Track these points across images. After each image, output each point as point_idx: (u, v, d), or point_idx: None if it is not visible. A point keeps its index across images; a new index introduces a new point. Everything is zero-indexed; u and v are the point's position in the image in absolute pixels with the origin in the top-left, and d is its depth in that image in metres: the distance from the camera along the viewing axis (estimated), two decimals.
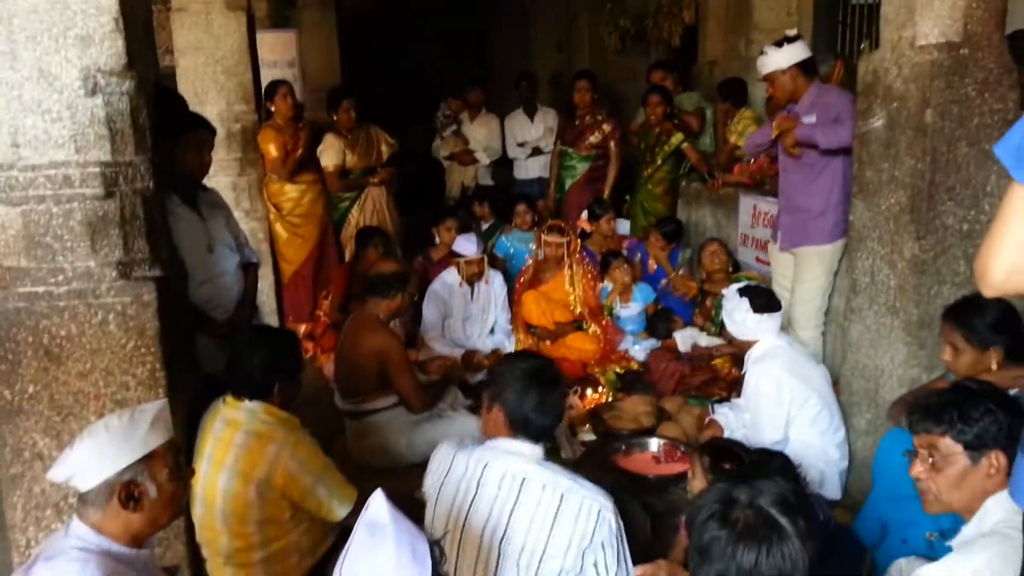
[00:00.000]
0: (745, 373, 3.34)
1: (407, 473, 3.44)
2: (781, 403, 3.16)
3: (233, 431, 2.49)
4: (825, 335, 4.01)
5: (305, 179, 5.44)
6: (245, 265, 3.34)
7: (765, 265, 4.62)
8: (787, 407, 3.16)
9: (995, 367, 2.49)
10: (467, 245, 4.95)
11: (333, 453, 3.17)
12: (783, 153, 3.98)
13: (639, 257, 5.52)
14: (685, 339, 4.68)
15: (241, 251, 3.32)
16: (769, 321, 3.25)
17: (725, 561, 1.48)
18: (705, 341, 4.64)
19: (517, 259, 5.61)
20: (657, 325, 4.99)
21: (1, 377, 2.31)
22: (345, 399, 3.72)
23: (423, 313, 4.99)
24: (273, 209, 5.41)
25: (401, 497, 1.93)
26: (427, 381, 4.03)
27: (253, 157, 5.22)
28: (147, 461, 1.78)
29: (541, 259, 5.19)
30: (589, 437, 3.90)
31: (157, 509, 1.81)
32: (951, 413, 1.92)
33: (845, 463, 3.27)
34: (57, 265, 2.28)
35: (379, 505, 1.59)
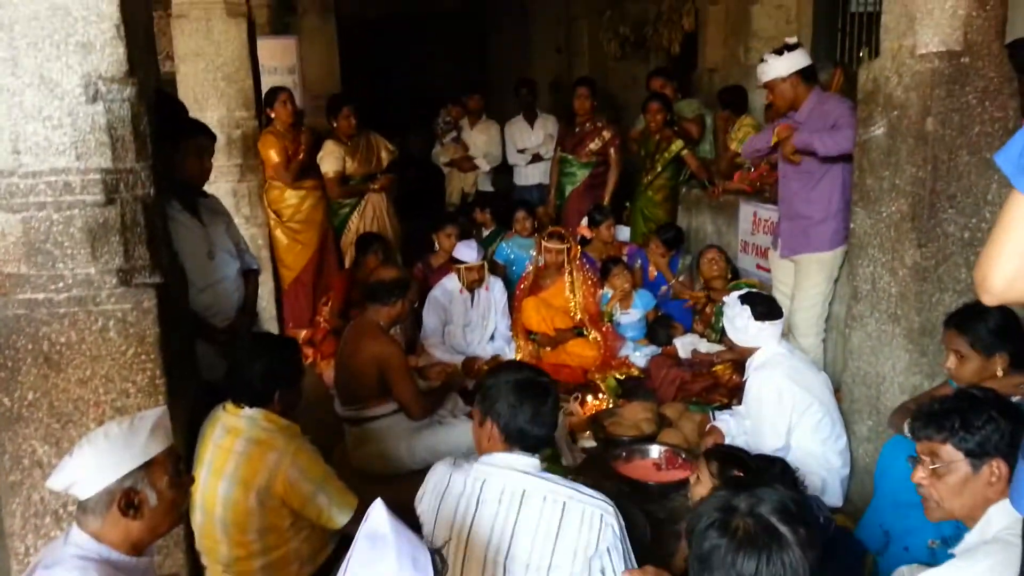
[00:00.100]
0: (746, 380, 3.33)
1: (407, 480, 3.42)
2: (782, 410, 3.15)
3: (233, 438, 2.48)
4: (826, 342, 4.01)
5: (305, 185, 5.44)
6: (245, 272, 3.34)
7: (766, 272, 4.62)
8: (788, 415, 3.15)
9: (1000, 373, 2.48)
10: (467, 251, 4.95)
11: (333, 460, 3.17)
12: (783, 160, 3.98)
13: (639, 264, 5.53)
14: (685, 345, 4.68)
15: (241, 257, 3.32)
16: (771, 328, 3.25)
17: (725, 570, 1.47)
18: (705, 347, 4.64)
19: (517, 265, 5.62)
20: (657, 331, 4.99)
21: (0, 384, 2.29)
22: (345, 406, 3.72)
23: (423, 319, 5.00)
24: (273, 215, 5.41)
25: (401, 505, 1.92)
26: (427, 387, 4.02)
27: (253, 163, 5.22)
28: (147, 468, 1.77)
29: (541, 266, 5.20)
30: (590, 444, 3.90)
31: (157, 517, 1.80)
32: (953, 420, 1.92)
33: (847, 470, 3.26)
34: (57, 272, 2.27)
35: (379, 515, 1.57)
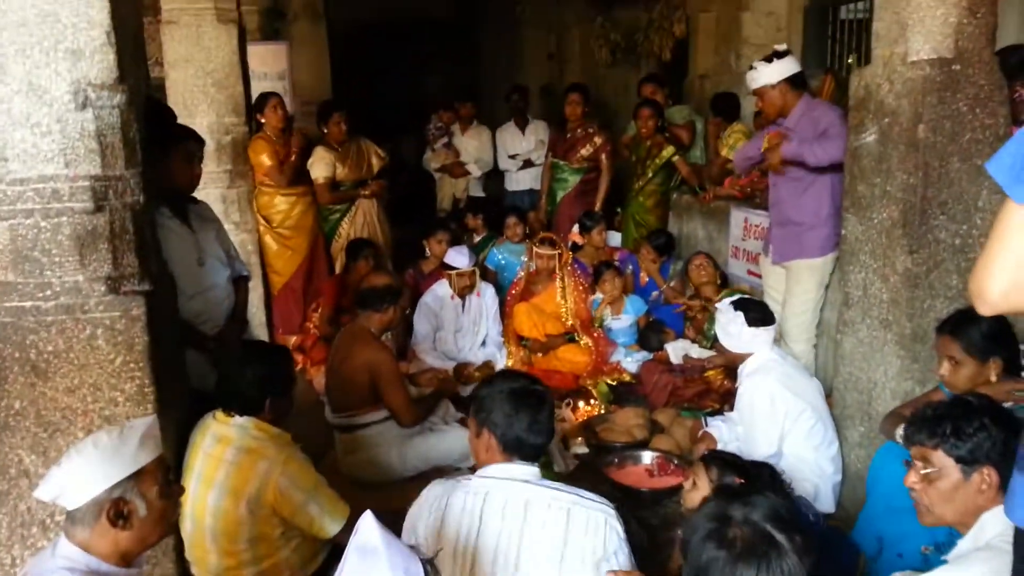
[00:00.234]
0: (739, 386, 3.33)
1: (398, 487, 3.42)
2: (775, 417, 3.15)
3: (224, 447, 2.46)
4: (817, 348, 4.01)
5: (295, 191, 5.42)
6: (236, 279, 3.31)
7: (757, 278, 4.63)
8: (781, 421, 3.15)
9: (995, 378, 2.48)
10: (458, 257, 4.94)
11: (323, 467, 3.15)
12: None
13: (630, 269, 5.53)
14: (677, 351, 4.68)
15: (232, 264, 3.30)
16: (764, 334, 3.25)
17: None
18: (696, 353, 4.64)
19: (508, 271, 5.61)
20: (649, 337, 4.99)
21: None
22: (336, 413, 3.70)
23: (414, 326, 4.98)
24: (263, 221, 5.38)
25: (392, 513, 1.91)
26: (418, 394, 4.01)
27: (243, 169, 5.19)
28: (136, 478, 1.75)
29: (532, 271, 5.20)
30: (582, 450, 3.89)
31: (147, 527, 1.78)
32: (945, 427, 1.92)
33: (839, 476, 3.26)
34: (45, 280, 2.25)
35: (369, 528, 1.55)
